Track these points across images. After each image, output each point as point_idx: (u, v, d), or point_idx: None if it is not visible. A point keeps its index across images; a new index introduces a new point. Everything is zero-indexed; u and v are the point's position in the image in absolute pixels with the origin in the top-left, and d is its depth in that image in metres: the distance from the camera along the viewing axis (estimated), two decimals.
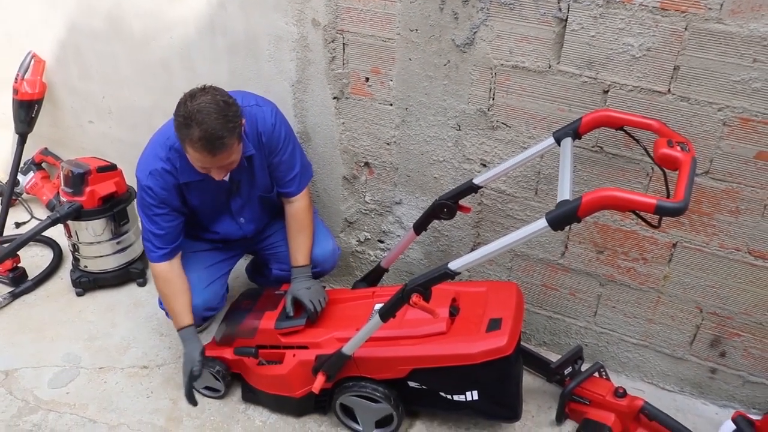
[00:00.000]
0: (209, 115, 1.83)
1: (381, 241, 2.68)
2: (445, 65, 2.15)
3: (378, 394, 2.08)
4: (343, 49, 2.31)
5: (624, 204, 1.47)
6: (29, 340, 2.67)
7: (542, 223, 1.55)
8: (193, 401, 2.26)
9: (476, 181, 2.08)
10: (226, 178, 2.15)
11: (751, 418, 1.81)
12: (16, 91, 3.20)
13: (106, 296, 2.93)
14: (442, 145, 2.30)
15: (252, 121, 2.13)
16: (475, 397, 2.02)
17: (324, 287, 2.32)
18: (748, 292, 2.05)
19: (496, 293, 2.12)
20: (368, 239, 2.72)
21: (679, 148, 1.62)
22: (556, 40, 1.93)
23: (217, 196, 2.23)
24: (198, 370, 2.20)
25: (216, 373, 2.29)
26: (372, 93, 2.35)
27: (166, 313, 2.37)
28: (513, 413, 2.10)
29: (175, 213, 2.19)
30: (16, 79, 3.19)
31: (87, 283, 2.92)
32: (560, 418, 2.21)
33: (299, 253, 2.31)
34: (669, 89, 1.85)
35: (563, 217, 1.53)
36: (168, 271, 2.23)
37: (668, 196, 1.48)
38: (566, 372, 2.25)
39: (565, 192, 1.58)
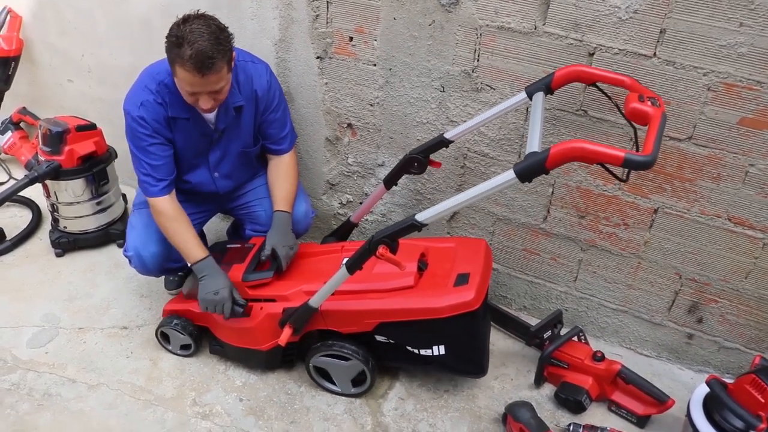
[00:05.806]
0: (201, 36, 1.84)
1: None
2: (430, 25, 2.11)
3: (346, 351, 2.09)
4: (327, 8, 2.27)
5: (592, 156, 1.46)
6: (7, 301, 2.65)
7: (510, 174, 1.55)
8: (243, 308, 2.14)
9: (447, 135, 2.07)
10: (212, 120, 2.14)
11: (725, 381, 1.83)
12: None
13: (85, 257, 2.91)
14: (426, 107, 2.27)
15: (248, 76, 2.15)
16: (442, 351, 2.03)
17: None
18: (726, 259, 2.07)
19: (465, 249, 2.13)
20: (350, 201, 2.70)
21: (649, 103, 1.61)
22: (543, 1, 1.90)
23: (198, 141, 2.20)
24: (238, 296, 2.14)
25: (175, 327, 2.30)
26: (356, 53, 2.30)
27: (129, 261, 2.33)
28: (479, 368, 2.13)
29: (168, 143, 2.16)
30: None
31: (66, 243, 2.89)
32: (539, 382, 2.24)
33: (287, 197, 2.30)
34: (655, 53, 1.83)
35: (531, 169, 1.52)
36: (172, 205, 2.17)
37: (638, 151, 1.48)
38: (545, 336, 2.27)
39: (534, 144, 1.57)
